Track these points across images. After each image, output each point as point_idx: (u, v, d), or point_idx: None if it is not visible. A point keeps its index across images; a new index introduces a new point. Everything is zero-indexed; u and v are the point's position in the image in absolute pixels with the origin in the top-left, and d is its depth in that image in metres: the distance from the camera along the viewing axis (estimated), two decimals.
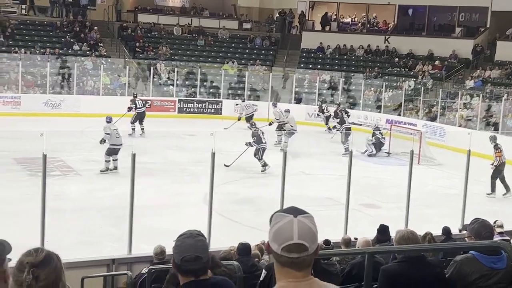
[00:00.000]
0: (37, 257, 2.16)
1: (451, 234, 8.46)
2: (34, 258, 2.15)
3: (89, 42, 29.32)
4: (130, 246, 8.86)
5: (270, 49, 32.94)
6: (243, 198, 14.08)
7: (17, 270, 2.15)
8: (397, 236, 4.69)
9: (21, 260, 2.17)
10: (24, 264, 2.13)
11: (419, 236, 4.81)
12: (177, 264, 2.79)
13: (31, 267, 2.12)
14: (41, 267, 2.13)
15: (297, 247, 2.06)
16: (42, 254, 2.17)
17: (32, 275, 2.11)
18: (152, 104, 26.77)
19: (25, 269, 2.12)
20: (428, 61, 29.30)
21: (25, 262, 2.14)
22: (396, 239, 4.70)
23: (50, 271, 2.15)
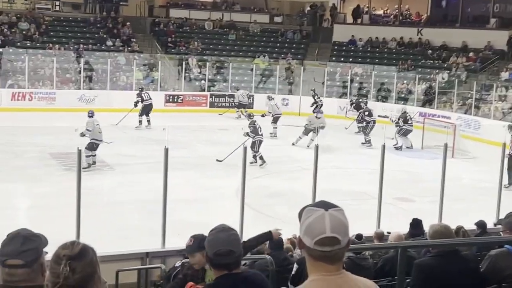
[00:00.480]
0: (74, 249, 2.19)
1: (486, 228, 8.33)
2: (71, 250, 2.18)
3: (121, 38, 29.60)
4: (163, 239, 8.94)
5: (301, 42, 32.82)
6: (275, 192, 14.09)
7: (53, 263, 2.18)
8: (431, 230, 4.65)
9: (57, 252, 2.20)
10: (61, 257, 2.16)
11: (452, 230, 4.77)
12: (210, 258, 2.82)
13: (68, 259, 2.15)
14: (78, 260, 2.17)
15: (330, 240, 2.07)
16: (78, 247, 2.20)
17: (69, 268, 2.14)
18: (184, 99, 26.93)
19: (61, 261, 2.15)
20: (462, 53, 28.87)
21: (61, 255, 2.16)
22: (429, 234, 4.66)
23: (86, 263, 2.18)
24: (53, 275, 2.17)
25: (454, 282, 4.15)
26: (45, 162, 15.69)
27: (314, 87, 26.21)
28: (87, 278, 2.18)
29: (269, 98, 23.03)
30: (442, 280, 4.15)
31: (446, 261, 4.24)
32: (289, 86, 29.36)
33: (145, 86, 27.24)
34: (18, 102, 24.36)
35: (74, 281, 2.15)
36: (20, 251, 2.36)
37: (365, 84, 28.80)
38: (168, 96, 26.99)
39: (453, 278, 4.16)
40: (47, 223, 9.57)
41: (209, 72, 28.54)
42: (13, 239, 2.41)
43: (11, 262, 2.36)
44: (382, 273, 5.97)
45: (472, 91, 24.86)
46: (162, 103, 26.44)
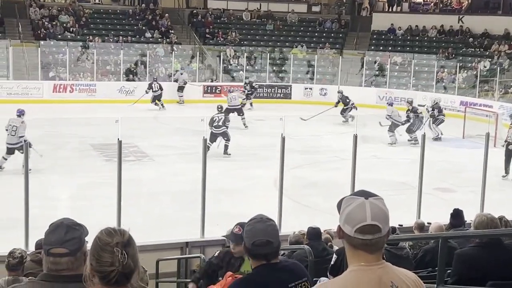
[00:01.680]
0: (124, 236, 2.18)
1: None
2: (122, 238, 2.17)
3: (160, 29, 29.80)
4: (203, 229, 9.02)
5: (339, 32, 32.56)
6: (313, 182, 14.05)
7: (102, 251, 2.14)
8: (476, 221, 4.57)
9: (105, 240, 2.16)
10: (113, 245, 2.14)
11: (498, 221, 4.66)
12: (248, 248, 2.83)
13: (123, 247, 2.15)
14: (129, 246, 2.17)
15: (370, 228, 2.07)
16: (126, 233, 2.20)
17: (126, 254, 2.14)
18: (222, 90, 27.01)
19: (113, 249, 2.14)
20: (504, 41, 28.26)
21: (113, 243, 2.14)
22: (474, 223, 4.57)
23: (135, 248, 2.21)
24: (102, 264, 2.13)
25: (496, 272, 4.09)
26: (86, 153, 15.95)
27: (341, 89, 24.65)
28: (136, 263, 2.20)
29: (229, 91, 22.67)
30: (484, 270, 4.10)
31: (489, 251, 4.18)
32: (326, 76, 29.18)
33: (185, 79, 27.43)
34: (59, 94, 24.78)
35: (129, 267, 2.16)
36: (64, 240, 2.41)
37: (404, 73, 28.47)
38: (206, 87, 27.11)
39: (495, 268, 4.10)
40: (89, 213, 9.76)
41: (246, 62, 28.56)
42: (56, 228, 2.46)
43: (55, 250, 2.41)
44: (423, 264, 5.92)
45: None
46: (200, 94, 26.58)
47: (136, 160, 15.33)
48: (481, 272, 4.10)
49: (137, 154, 15.83)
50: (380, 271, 2.10)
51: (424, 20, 31.32)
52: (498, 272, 4.10)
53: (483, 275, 4.08)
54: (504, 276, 4.08)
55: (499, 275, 4.08)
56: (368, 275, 2.09)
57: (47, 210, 10.11)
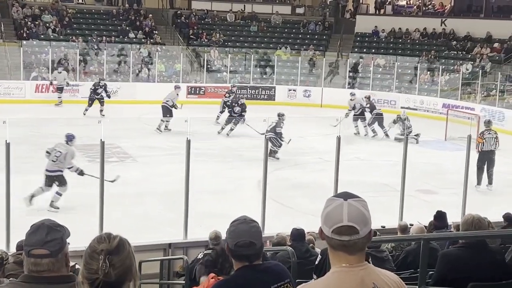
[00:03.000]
0: (111, 243, 2.15)
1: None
2: (108, 244, 2.14)
3: (144, 30, 29.71)
4: (186, 230, 9.00)
5: (323, 33, 32.66)
6: (297, 184, 14.07)
7: (89, 258, 2.13)
8: (463, 220, 4.60)
9: (93, 247, 2.15)
10: (98, 252, 2.12)
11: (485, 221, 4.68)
12: (231, 249, 2.83)
13: (107, 254, 2.12)
14: (116, 254, 2.13)
15: (347, 229, 2.07)
16: (116, 240, 2.16)
17: (108, 263, 2.12)
18: (206, 91, 26.98)
19: (99, 256, 2.12)
20: (487, 44, 28.52)
21: (99, 250, 2.12)
22: (462, 223, 4.60)
23: (124, 257, 2.16)
24: (89, 271, 2.12)
25: (479, 274, 4.11)
26: None
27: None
28: (126, 272, 2.16)
29: (175, 87, 21.42)
30: (468, 271, 4.13)
31: (473, 252, 4.21)
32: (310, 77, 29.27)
33: (168, 78, 27.35)
34: (41, 94, 24.59)
35: (114, 276, 2.13)
36: (45, 241, 2.38)
37: (387, 75, 28.63)
38: (190, 88, 27.06)
39: (478, 270, 4.13)
40: (71, 214, 9.70)
41: (230, 64, 28.56)
42: (38, 229, 2.43)
43: (36, 251, 2.38)
44: (404, 265, 5.95)
45: (496, 82, 24.58)
46: (184, 95, 26.51)
47: (119, 161, 15.25)
48: (464, 273, 4.13)
49: (120, 155, 15.75)
50: (362, 272, 2.10)
51: (407, 22, 31.53)
52: (481, 273, 4.12)
53: (466, 276, 4.11)
54: (487, 278, 4.11)
55: (482, 277, 4.10)
56: (350, 276, 2.09)
57: (28, 211, 10.05)
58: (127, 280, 2.16)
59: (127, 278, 2.16)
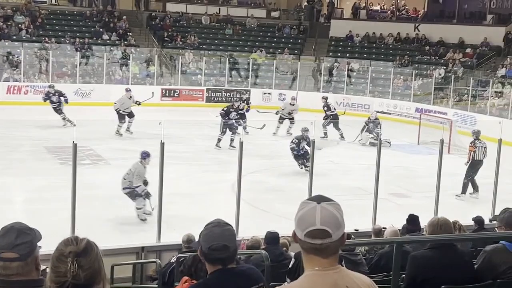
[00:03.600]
0: (79, 245, 2.12)
1: (483, 224, 8.33)
2: (76, 247, 2.11)
3: (118, 32, 29.52)
4: (159, 234, 8.94)
5: (298, 37, 32.79)
6: (271, 187, 14.08)
7: (57, 261, 2.10)
8: (429, 222, 4.68)
9: (61, 250, 2.12)
10: (66, 254, 2.09)
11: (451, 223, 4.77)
12: (205, 253, 2.81)
13: (75, 256, 2.09)
14: (84, 256, 2.10)
15: (320, 233, 2.06)
16: (83, 242, 2.13)
17: (77, 265, 2.09)
18: (180, 93, 26.90)
19: (67, 259, 2.09)
20: (459, 49, 28.90)
21: (66, 252, 2.09)
22: (428, 225, 4.68)
23: (93, 259, 2.13)
24: (57, 274, 2.08)
25: (447, 274, 4.18)
26: (40, 156, 15.65)
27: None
28: (95, 274, 2.13)
29: (126, 89, 19.93)
30: (435, 271, 4.19)
31: (441, 253, 4.28)
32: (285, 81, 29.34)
33: (142, 80, 27.23)
34: (13, 96, 24.28)
35: (83, 278, 2.10)
36: (14, 244, 2.34)
37: (361, 79, 28.83)
38: (164, 90, 26.95)
39: (446, 270, 4.20)
40: (42, 217, 9.57)
41: (205, 66, 28.51)
42: (7, 232, 2.39)
43: (5, 255, 2.34)
44: (378, 268, 5.97)
45: (468, 87, 24.89)
46: (158, 98, 26.39)
47: (92, 164, 15.11)
48: (433, 273, 4.19)
49: (92, 158, 15.60)
50: (336, 275, 2.10)
51: (382, 27, 31.80)
52: (449, 274, 4.19)
53: (434, 276, 4.17)
54: (454, 279, 4.17)
55: (449, 278, 4.16)
56: (323, 279, 2.08)
57: None
58: (96, 283, 2.14)
59: (96, 281, 2.13)
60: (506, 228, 4.52)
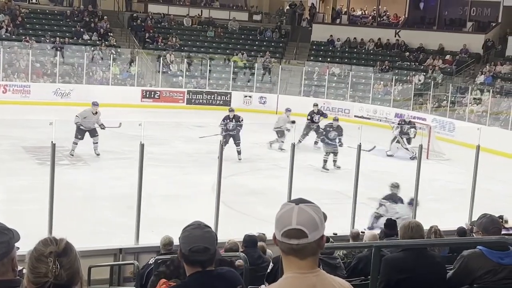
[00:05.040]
0: (59, 246, 2.10)
1: (466, 235, 8.37)
2: (56, 247, 2.09)
3: (99, 32, 29.34)
4: (137, 236, 8.89)
5: (280, 41, 32.86)
6: (251, 190, 14.08)
7: (36, 261, 2.07)
8: (401, 225, 4.77)
9: (40, 250, 2.09)
10: (47, 255, 2.06)
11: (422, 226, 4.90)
12: (185, 255, 2.80)
13: (56, 256, 2.07)
14: (65, 256, 2.08)
15: (296, 233, 2.07)
16: (63, 242, 2.12)
17: (59, 265, 2.07)
18: (161, 95, 26.82)
19: (47, 259, 2.06)
20: (439, 56, 29.16)
21: (47, 253, 2.06)
22: (400, 228, 4.77)
23: (73, 259, 2.11)
24: (37, 275, 2.05)
25: (418, 276, 4.27)
26: (18, 155, 15.50)
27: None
28: (75, 274, 2.11)
29: (93, 103, 17.10)
30: (407, 272, 4.26)
31: (413, 255, 4.37)
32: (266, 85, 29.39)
33: (122, 81, 27.10)
34: None
35: (64, 279, 2.08)
36: None
37: (342, 84, 28.97)
38: (145, 91, 26.85)
39: (417, 272, 4.28)
40: (19, 217, 9.47)
41: (187, 68, 28.46)
42: None
43: None
44: (356, 272, 5.99)
45: (447, 94, 25.13)
46: (138, 99, 26.31)
47: (71, 164, 15.00)
48: (404, 274, 4.27)
49: (71, 158, 15.48)
50: (314, 278, 2.10)
51: (363, 33, 31.97)
52: (420, 276, 4.28)
53: (406, 277, 4.25)
54: (425, 282, 4.27)
55: (421, 280, 4.26)
56: (302, 282, 2.09)
57: None
58: (75, 283, 2.12)
59: (75, 281, 2.11)
60: (484, 233, 4.56)
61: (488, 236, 4.50)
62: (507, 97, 23.75)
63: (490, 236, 4.50)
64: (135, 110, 23.98)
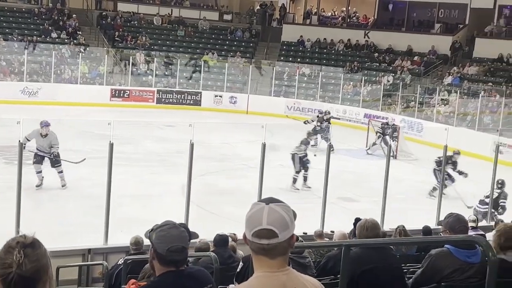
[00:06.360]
0: (27, 238, 2.10)
1: (431, 234, 8.50)
2: (24, 239, 2.08)
3: (67, 30, 29.02)
4: (106, 236, 8.82)
5: (250, 41, 32.87)
6: (221, 190, 14.07)
7: (4, 253, 2.06)
8: (358, 224, 4.87)
9: (8, 243, 2.08)
10: (13, 246, 2.07)
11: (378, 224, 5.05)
12: (161, 255, 2.78)
13: (22, 247, 2.06)
14: (31, 248, 2.07)
15: (266, 233, 2.07)
16: (31, 237, 2.12)
17: (23, 254, 2.05)
18: (130, 94, 26.64)
19: (14, 250, 2.06)
20: (407, 57, 29.48)
21: (14, 244, 2.06)
22: (357, 227, 4.87)
23: (41, 254, 2.09)
24: (3, 266, 2.03)
25: (375, 271, 4.41)
26: None
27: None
28: (42, 270, 2.09)
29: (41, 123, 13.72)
30: (364, 265, 4.40)
31: (372, 251, 4.54)
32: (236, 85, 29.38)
33: (91, 80, 26.86)
34: None
35: (29, 271, 2.05)
36: None
37: (312, 84, 29.10)
38: (114, 91, 26.62)
39: (374, 267, 4.42)
40: None
41: (156, 68, 28.29)
42: None
43: None
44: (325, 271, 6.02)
45: (415, 94, 25.41)
46: (107, 98, 26.08)
47: None
48: (362, 267, 4.40)
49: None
50: (284, 277, 2.11)
51: (332, 33, 32.16)
52: (376, 271, 4.42)
53: (364, 271, 4.39)
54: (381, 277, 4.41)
55: (377, 275, 4.41)
56: (272, 281, 2.09)
57: None
58: (43, 281, 2.09)
59: (42, 278, 2.09)
60: (451, 232, 4.62)
61: (456, 235, 4.56)
62: (474, 98, 24.10)
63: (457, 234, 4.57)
64: (104, 109, 23.77)
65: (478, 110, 22.66)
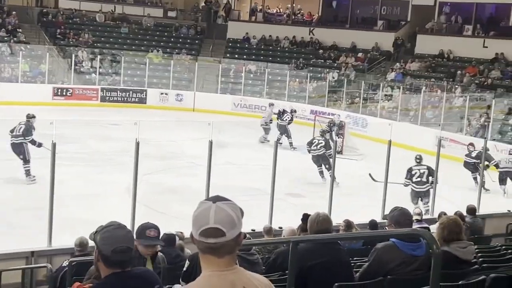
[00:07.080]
0: None
1: (377, 227, 8.62)
2: None
3: (7, 28, 28.24)
4: (50, 237, 8.62)
5: (195, 38, 32.70)
6: (168, 188, 13.96)
7: None
8: (310, 217, 4.99)
9: None
10: None
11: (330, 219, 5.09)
12: (106, 256, 2.72)
13: None
14: None
15: (213, 232, 2.06)
16: None
17: None
18: (73, 93, 26.13)
19: None
20: (351, 53, 29.86)
21: None
22: (308, 220, 4.90)
23: None
24: None
25: (322, 265, 4.49)
26: None
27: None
28: None
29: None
30: (312, 260, 4.48)
31: (320, 246, 4.62)
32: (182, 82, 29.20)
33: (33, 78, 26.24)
34: None
35: None
36: None
37: (258, 81, 29.17)
38: (57, 89, 26.05)
39: (322, 261, 4.50)
40: None
41: (100, 65, 27.84)
42: None
43: None
44: (274, 267, 6.03)
45: (360, 90, 25.78)
46: (49, 97, 25.50)
47: None
48: (312, 260, 4.47)
49: None
50: (232, 276, 2.09)
51: (278, 30, 32.31)
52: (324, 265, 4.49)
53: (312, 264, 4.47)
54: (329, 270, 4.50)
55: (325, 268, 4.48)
56: (220, 280, 2.07)
57: None
58: None
59: None
60: (396, 226, 4.69)
61: (401, 229, 4.63)
62: (416, 94, 24.60)
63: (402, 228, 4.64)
64: (46, 108, 23.20)
65: (421, 105, 23.15)
